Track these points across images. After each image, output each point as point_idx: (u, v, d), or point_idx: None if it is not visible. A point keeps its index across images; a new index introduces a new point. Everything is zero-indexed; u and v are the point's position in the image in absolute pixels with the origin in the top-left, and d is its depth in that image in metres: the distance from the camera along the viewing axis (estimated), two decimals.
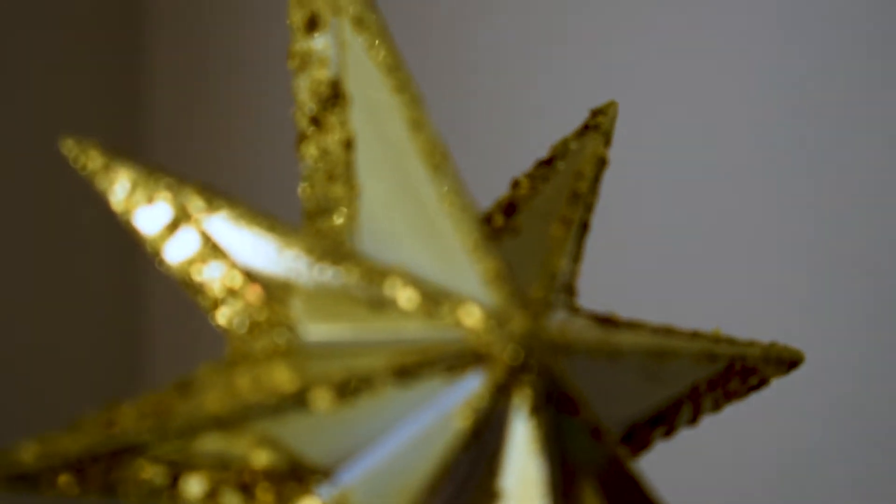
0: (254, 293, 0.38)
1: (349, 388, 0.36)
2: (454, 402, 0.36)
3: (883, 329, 0.86)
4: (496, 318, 0.36)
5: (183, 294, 0.39)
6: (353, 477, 0.37)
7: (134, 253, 1.20)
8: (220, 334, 0.40)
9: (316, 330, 0.38)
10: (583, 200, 0.42)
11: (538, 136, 0.48)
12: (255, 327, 0.38)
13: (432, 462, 0.36)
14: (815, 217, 0.88)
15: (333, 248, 0.38)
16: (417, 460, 0.36)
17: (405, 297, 0.37)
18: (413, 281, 0.37)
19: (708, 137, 0.91)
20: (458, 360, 0.36)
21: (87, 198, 0.42)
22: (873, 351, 0.86)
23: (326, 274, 0.38)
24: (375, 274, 0.37)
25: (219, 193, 0.39)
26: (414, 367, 0.36)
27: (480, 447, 0.37)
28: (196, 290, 0.39)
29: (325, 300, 0.38)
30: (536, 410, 0.36)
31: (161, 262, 0.39)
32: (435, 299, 0.37)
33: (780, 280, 0.89)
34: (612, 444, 0.38)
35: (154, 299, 1.22)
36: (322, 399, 0.36)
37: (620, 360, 0.39)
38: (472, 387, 0.36)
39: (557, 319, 0.38)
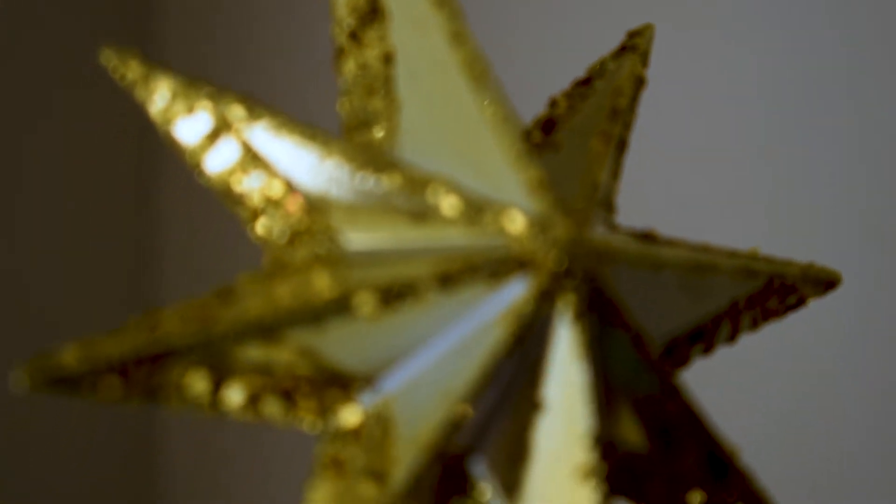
0: (294, 203, 0.38)
1: (392, 294, 0.36)
2: (497, 309, 0.36)
3: None
4: (540, 225, 0.36)
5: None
6: (395, 385, 0.37)
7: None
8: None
9: (357, 239, 0.38)
10: (622, 117, 0.42)
11: (576, 61, 0.48)
12: (295, 237, 0.38)
13: (475, 369, 0.36)
14: (859, 137, 0.88)
15: (375, 157, 0.38)
16: (460, 367, 0.36)
17: (448, 204, 0.37)
18: (455, 188, 0.37)
19: (744, 59, 0.91)
20: (501, 266, 0.36)
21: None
22: None
23: (368, 182, 0.37)
24: (417, 182, 0.37)
25: (260, 103, 0.38)
26: (457, 274, 0.36)
27: (523, 354, 0.36)
28: (236, 200, 0.39)
29: (366, 209, 0.38)
30: (580, 316, 0.36)
31: (201, 173, 0.39)
32: (478, 206, 0.36)
33: (817, 205, 0.89)
34: (653, 353, 0.37)
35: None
36: (366, 304, 0.35)
37: (661, 273, 0.39)
38: (515, 293, 0.36)
39: (599, 230, 0.38)
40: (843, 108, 0.91)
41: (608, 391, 0.38)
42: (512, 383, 0.37)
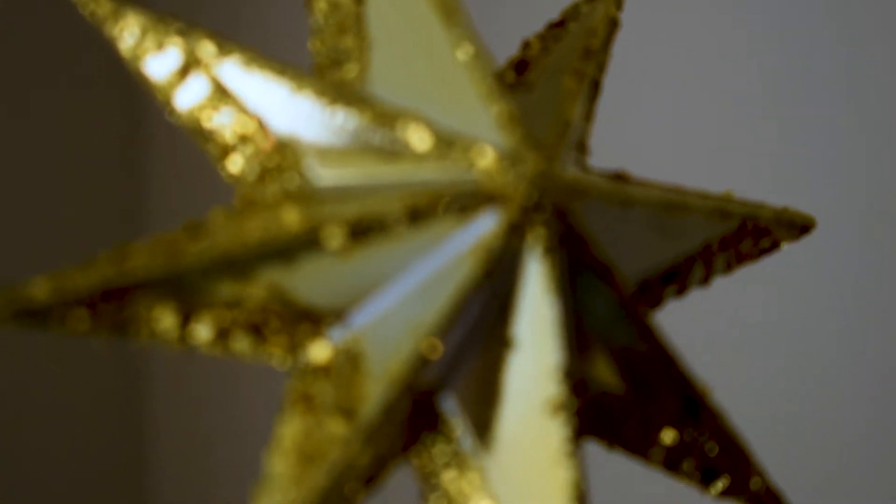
0: (265, 139, 0.38)
1: (361, 228, 0.36)
2: (467, 243, 0.36)
3: None
4: (510, 159, 0.36)
5: None
6: (364, 320, 0.36)
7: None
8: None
9: (327, 175, 0.38)
10: (595, 57, 0.42)
11: (551, 5, 0.47)
12: (265, 174, 0.38)
13: (444, 303, 0.36)
14: (842, 81, 0.88)
15: (346, 93, 0.38)
16: (429, 302, 0.36)
17: (417, 137, 0.36)
18: (426, 123, 0.37)
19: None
20: (470, 200, 0.36)
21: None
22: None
23: (338, 118, 0.37)
24: (388, 116, 0.37)
25: (230, 39, 0.38)
26: (426, 208, 0.36)
27: (493, 289, 0.36)
28: (206, 137, 0.39)
29: (336, 145, 0.37)
30: (550, 251, 0.36)
31: (171, 110, 0.39)
32: (448, 141, 0.36)
33: (792, 149, 0.89)
34: (624, 290, 0.37)
35: None
36: (334, 237, 0.35)
37: (633, 210, 0.39)
38: (485, 227, 0.36)
39: (570, 168, 0.38)
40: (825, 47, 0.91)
41: (581, 334, 0.38)
42: (482, 320, 0.37)
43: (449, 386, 0.37)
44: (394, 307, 0.36)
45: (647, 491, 0.92)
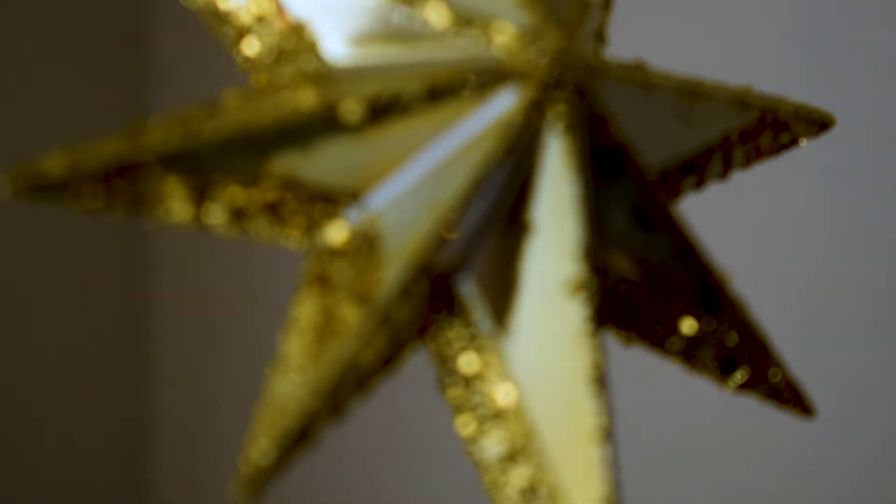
0: (282, 19, 0.38)
1: (379, 105, 0.35)
2: (486, 120, 0.36)
3: None
4: (530, 35, 0.36)
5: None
6: (382, 200, 0.36)
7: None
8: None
9: (345, 56, 0.37)
10: None
11: None
12: (282, 56, 0.38)
13: (463, 182, 0.35)
14: None
15: None
16: (448, 181, 0.36)
17: (436, 14, 0.36)
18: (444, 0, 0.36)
19: None
20: (490, 78, 0.36)
21: None
22: None
23: None
24: None
25: None
26: (445, 86, 0.35)
27: (513, 168, 0.36)
28: (222, 19, 0.38)
29: (354, 25, 0.37)
30: (570, 128, 0.36)
31: None
32: (466, 18, 0.36)
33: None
34: (643, 170, 0.37)
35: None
36: (353, 113, 0.35)
37: (653, 95, 0.38)
38: (504, 105, 0.36)
39: (590, 48, 0.38)
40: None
41: (602, 229, 0.38)
42: (501, 201, 0.36)
43: (467, 269, 0.37)
44: (411, 187, 0.36)
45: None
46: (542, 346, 0.36)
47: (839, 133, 0.44)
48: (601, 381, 0.35)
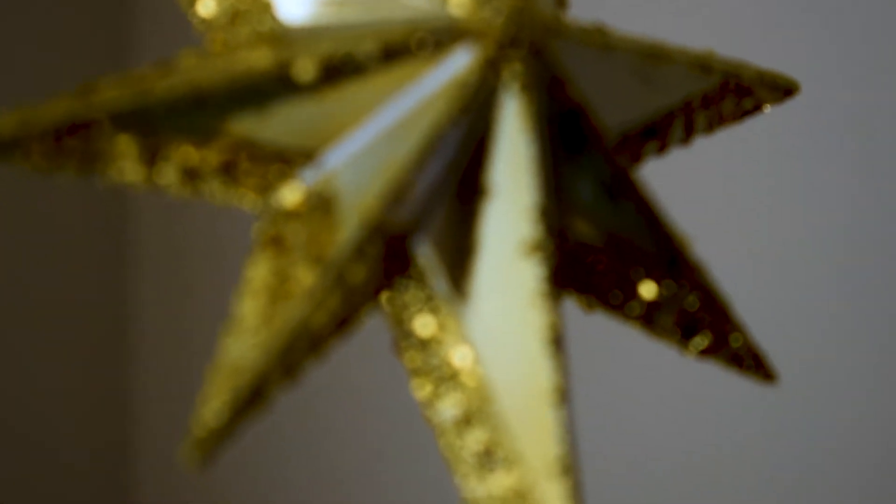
0: None
1: (333, 63, 0.35)
2: (442, 80, 0.35)
3: None
4: None
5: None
6: (337, 160, 0.36)
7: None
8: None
9: (300, 17, 0.37)
10: None
11: None
12: (237, 17, 0.37)
13: (418, 141, 0.35)
14: None
15: None
16: (403, 140, 0.35)
17: None
18: None
19: None
20: (445, 36, 0.35)
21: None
22: None
23: None
24: None
25: None
26: (400, 46, 0.35)
27: (469, 129, 0.36)
28: None
29: None
30: (526, 88, 0.35)
31: None
32: None
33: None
34: (601, 132, 0.37)
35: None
36: (305, 71, 0.35)
37: (613, 56, 0.38)
38: (460, 64, 0.35)
39: (549, 9, 0.37)
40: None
41: (560, 184, 0.38)
42: (457, 163, 0.36)
43: (424, 231, 0.37)
44: (367, 147, 0.36)
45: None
46: (499, 308, 0.36)
47: (805, 98, 0.44)
48: (557, 342, 0.35)
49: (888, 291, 0.88)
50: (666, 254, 0.39)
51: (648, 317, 0.39)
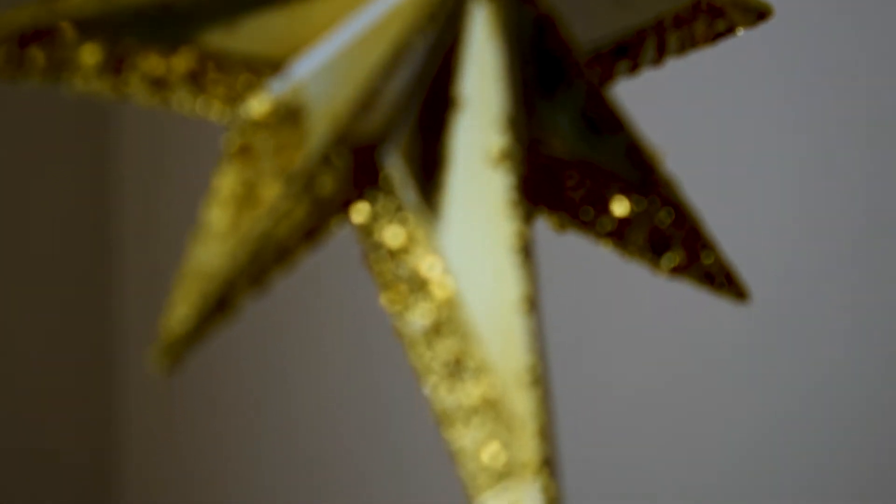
0: None
1: None
2: None
3: None
4: None
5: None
6: (305, 70, 0.36)
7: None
8: None
9: None
10: None
11: None
12: None
13: (386, 49, 0.35)
14: None
15: None
16: (371, 49, 0.35)
17: None
18: None
19: None
20: None
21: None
22: None
23: None
24: None
25: None
26: None
27: (436, 37, 0.35)
28: None
29: None
30: None
31: None
32: None
33: None
34: (571, 43, 0.37)
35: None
36: None
37: None
38: None
39: None
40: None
41: (529, 96, 0.37)
42: (426, 73, 0.36)
43: (393, 142, 0.36)
44: (335, 56, 0.35)
45: None
46: (468, 218, 0.36)
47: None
48: (525, 250, 0.35)
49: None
50: (638, 169, 0.38)
51: (620, 233, 0.39)
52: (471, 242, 0.36)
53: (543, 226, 0.39)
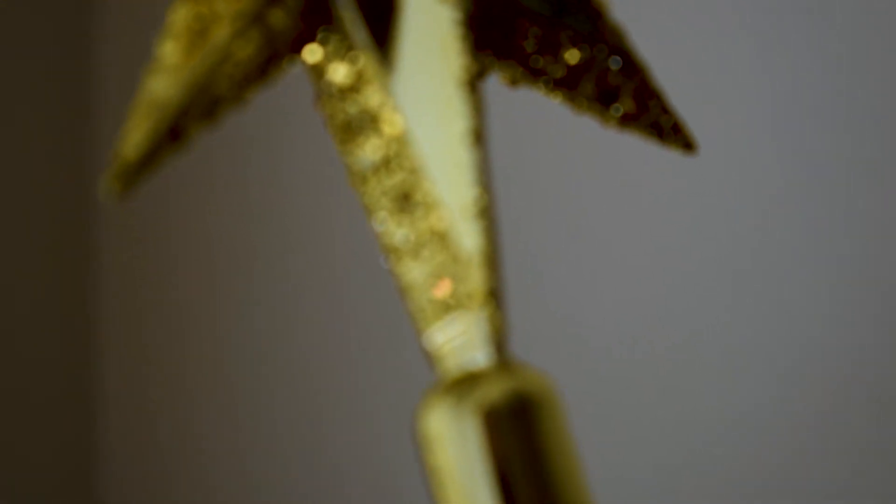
0: None
1: None
2: None
3: None
4: None
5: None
6: None
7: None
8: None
9: None
10: None
11: None
12: None
13: None
14: None
15: None
16: None
17: None
18: None
19: None
20: None
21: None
22: None
23: None
24: None
25: None
26: None
27: None
28: None
29: None
30: None
31: None
32: None
33: None
34: None
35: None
36: None
37: None
38: None
39: None
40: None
41: None
42: None
43: None
44: None
45: None
46: (416, 55, 0.36)
47: None
48: (471, 83, 0.36)
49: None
50: (585, 17, 0.39)
51: (570, 83, 0.40)
52: (419, 79, 0.36)
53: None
